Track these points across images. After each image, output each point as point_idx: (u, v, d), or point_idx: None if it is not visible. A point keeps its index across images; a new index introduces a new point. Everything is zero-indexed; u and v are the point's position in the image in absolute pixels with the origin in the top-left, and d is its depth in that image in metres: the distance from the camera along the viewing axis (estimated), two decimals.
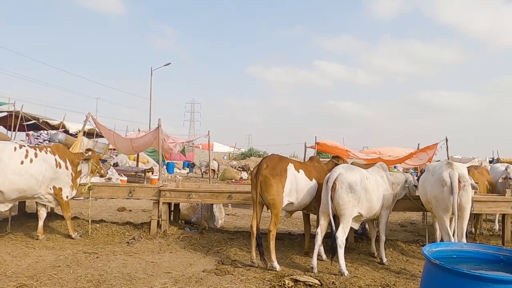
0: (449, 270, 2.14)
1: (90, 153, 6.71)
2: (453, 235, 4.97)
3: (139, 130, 15.92)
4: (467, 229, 5.35)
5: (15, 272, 4.50)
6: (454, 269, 2.13)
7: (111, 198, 7.34)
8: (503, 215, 6.54)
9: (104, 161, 7.61)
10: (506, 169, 7.87)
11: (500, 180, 7.29)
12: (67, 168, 6.18)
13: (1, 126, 14.92)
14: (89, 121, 12.06)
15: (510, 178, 7.20)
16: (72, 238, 6.14)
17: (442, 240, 5.30)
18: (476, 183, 5.29)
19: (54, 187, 6.03)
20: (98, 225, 6.87)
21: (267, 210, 5.31)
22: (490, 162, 24.53)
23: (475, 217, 7.25)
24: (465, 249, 2.66)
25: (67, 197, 6.23)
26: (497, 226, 8.25)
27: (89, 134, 16.96)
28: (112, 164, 15.61)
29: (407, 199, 6.00)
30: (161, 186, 6.84)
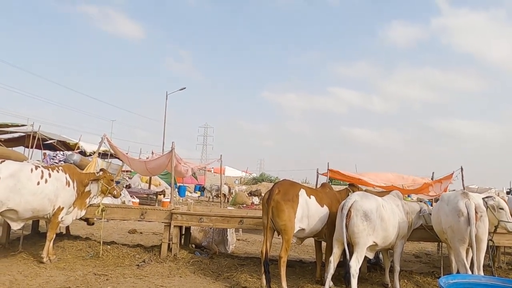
0: None
1: (101, 173, 6.72)
2: (470, 268, 4.83)
3: (152, 152, 16.10)
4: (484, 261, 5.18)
5: None
6: None
7: (123, 220, 7.37)
8: None
9: (117, 182, 7.69)
10: None
11: None
12: (73, 188, 6.22)
13: (20, 146, 15.25)
14: (104, 143, 12.29)
15: None
16: (43, 263, 5.77)
17: (458, 272, 5.13)
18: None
19: (58, 207, 6.00)
20: (109, 246, 6.87)
21: (278, 236, 5.26)
22: (508, 193, 23.94)
23: (493, 250, 7.02)
24: (482, 282, 2.59)
25: (61, 218, 6.09)
26: None
27: (103, 155, 17.23)
28: (125, 186, 15.75)
29: (422, 229, 5.88)
30: (173, 209, 6.85)
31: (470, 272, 4.67)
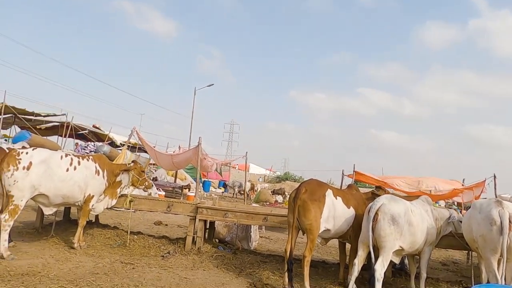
0: None
1: (132, 164, 6.89)
2: (501, 279, 4.65)
3: (179, 147, 16.37)
4: None
5: (57, 275, 4.69)
6: None
7: (150, 211, 7.54)
8: None
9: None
10: None
11: None
12: (103, 177, 6.39)
13: (54, 135, 15.86)
14: (134, 135, 12.59)
15: None
16: (73, 248, 5.99)
17: (488, 282, 4.96)
18: None
19: (88, 195, 6.19)
20: (135, 236, 7.05)
21: (303, 235, 5.24)
22: None
23: None
24: None
25: (92, 205, 6.29)
26: None
27: (132, 148, 17.64)
28: (152, 179, 16.08)
29: (451, 236, 5.72)
30: (198, 203, 6.94)
31: (502, 283, 4.51)
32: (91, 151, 14.76)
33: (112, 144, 17.82)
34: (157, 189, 14.60)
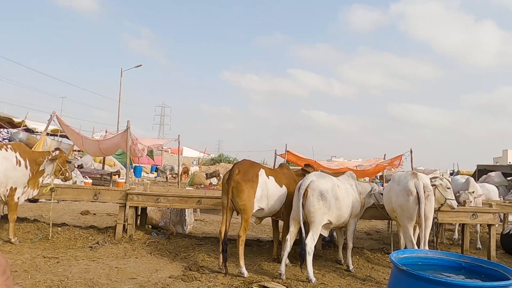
0: (415, 276, 2.19)
1: (57, 152, 6.39)
2: (417, 243, 5.14)
3: (106, 131, 15.51)
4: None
5: None
6: (419, 275, 2.19)
7: (75, 201, 7.09)
8: (463, 225, 6.82)
9: (68, 162, 7.31)
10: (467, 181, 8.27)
11: (462, 194, 7.60)
12: (26, 167, 5.88)
13: None
14: (54, 121, 11.64)
15: (470, 192, 7.52)
16: (11, 243, 5.69)
17: (406, 247, 5.45)
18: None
19: (11, 187, 5.72)
20: (59, 228, 6.59)
21: (237, 215, 5.29)
22: (451, 174, 25.65)
23: (437, 226, 7.51)
24: (429, 256, 2.75)
25: (18, 198, 5.86)
26: (456, 235, 8.59)
27: (53, 135, 16.36)
28: (76, 166, 15.09)
29: (373, 208, 6.14)
30: (128, 190, 6.66)
31: (417, 247, 4.98)
32: (4, 139, 13.42)
33: (29, 130, 16.33)
34: (83, 177, 13.77)
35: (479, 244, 7.91)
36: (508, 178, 18.94)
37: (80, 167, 16.31)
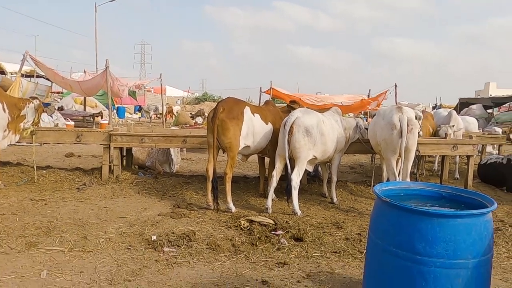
0: (398, 207, 2.25)
1: (37, 102, 6.20)
2: (398, 175, 5.29)
3: (84, 71, 14.92)
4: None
5: None
6: (402, 206, 2.24)
7: (57, 143, 6.97)
8: (443, 157, 7.03)
9: (46, 104, 7.10)
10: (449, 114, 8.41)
11: (442, 127, 7.73)
12: (4, 110, 5.67)
13: None
14: (27, 61, 11.09)
15: (450, 126, 7.66)
16: None
17: (388, 180, 5.62)
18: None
19: None
20: (44, 171, 6.54)
21: (223, 153, 5.30)
22: (434, 108, 26.07)
23: (418, 159, 7.73)
24: (411, 188, 2.81)
25: None
26: (436, 167, 8.91)
27: (28, 76, 15.70)
28: (56, 108, 14.71)
29: (358, 142, 6.22)
30: (111, 131, 6.54)
31: (399, 179, 5.13)
32: None
33: (2, 73, 15.62)
34: (65, 119, 13.49)
35: (457, 174, 8.24)
36: (489, 111, 19.39)
37: (60, 109, 15.91)
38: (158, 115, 24.60)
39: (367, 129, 6.16)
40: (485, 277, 2.20)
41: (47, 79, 14.00)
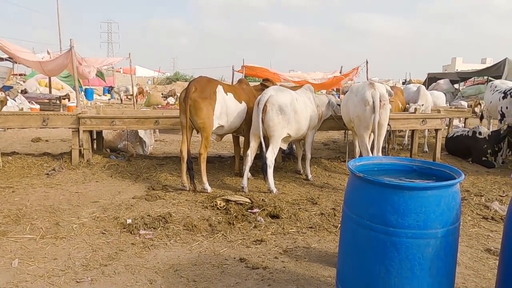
0: (372, 181, 2.29)
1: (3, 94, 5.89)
2: (371, 151, 5.40)
3: (48, 52, 14.20)
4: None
5: None
6: (375, 180, 2.28)
7: (23, 128, 6.68)
8: (413, 131, 7.22)
9: (8, 87, 6.74)
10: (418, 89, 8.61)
11: (412, 106, 7.90)
12: None
13: None
14: None
15: (419, 105, 7.85)
16: None
17: (361, 155, 5.74)
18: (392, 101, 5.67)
19: None
20: (10, 157, 6.28)
21: (197, 134, 5.23)
22: (403, 83, 26.61)
23: (389, 134, 7.92)
24: (384, 162, 2.86)
25: None
26: (406, 141, 9.16)
27: None
28: (20, 91, 14.05)
29: (331, 119, 6.28)
30: (79, 113, 6.32)
31: (371, 155, 5.24)
32: None
33: None
34: (29, 102, 12.91)
35: (426, 147, 8.52)
36: (455, 85, 19.97)
37: (24, 92, 15.20)
38: (129, 96, 23.95)
39: (339, 105, 6.23)
40: (453, 245, 2.29)
41: (9, 59, 13.28)
